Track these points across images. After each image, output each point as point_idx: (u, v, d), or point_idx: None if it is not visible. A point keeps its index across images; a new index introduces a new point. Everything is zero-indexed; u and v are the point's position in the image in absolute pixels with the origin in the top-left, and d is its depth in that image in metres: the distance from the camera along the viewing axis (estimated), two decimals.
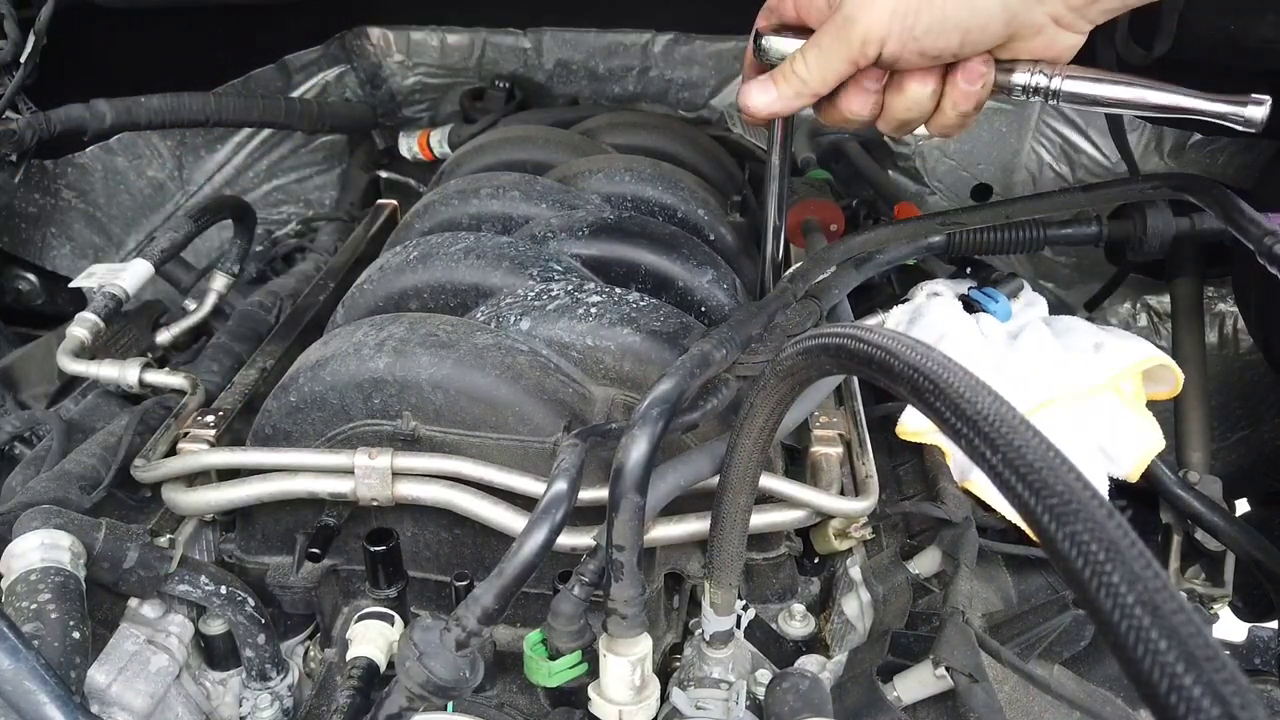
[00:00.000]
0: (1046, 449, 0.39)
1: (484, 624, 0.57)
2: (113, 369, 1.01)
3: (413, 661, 0.56)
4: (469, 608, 0.57)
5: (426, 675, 0.55)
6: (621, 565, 0.66)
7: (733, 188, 1.42)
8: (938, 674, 0.72)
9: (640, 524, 0.65)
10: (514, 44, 1.64)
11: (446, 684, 0.56)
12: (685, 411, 0.78)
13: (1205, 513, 1.06)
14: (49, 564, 0.72)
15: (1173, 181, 0.97)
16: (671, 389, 0.67)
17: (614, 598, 0.68)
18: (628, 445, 0.64)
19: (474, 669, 0.58)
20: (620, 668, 0.70)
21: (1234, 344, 1.54)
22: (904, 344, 0.49)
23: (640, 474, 0.64)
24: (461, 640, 0.56)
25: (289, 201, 1.79)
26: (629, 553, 0.66)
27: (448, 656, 0.56)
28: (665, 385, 0.67)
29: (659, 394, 0.67)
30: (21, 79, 1.27)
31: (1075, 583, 0.35)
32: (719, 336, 0.77)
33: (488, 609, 0.57)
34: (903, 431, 0.92)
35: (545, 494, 0.63)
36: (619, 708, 0.71)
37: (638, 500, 0.64)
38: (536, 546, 0.59)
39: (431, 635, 0.57)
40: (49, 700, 0.59)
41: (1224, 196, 0.92)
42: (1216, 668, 0.31)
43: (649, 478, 0.65)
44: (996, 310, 1.01)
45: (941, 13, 0.75)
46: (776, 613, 0.90)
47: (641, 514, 0.65)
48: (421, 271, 0.99)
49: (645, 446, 0.64)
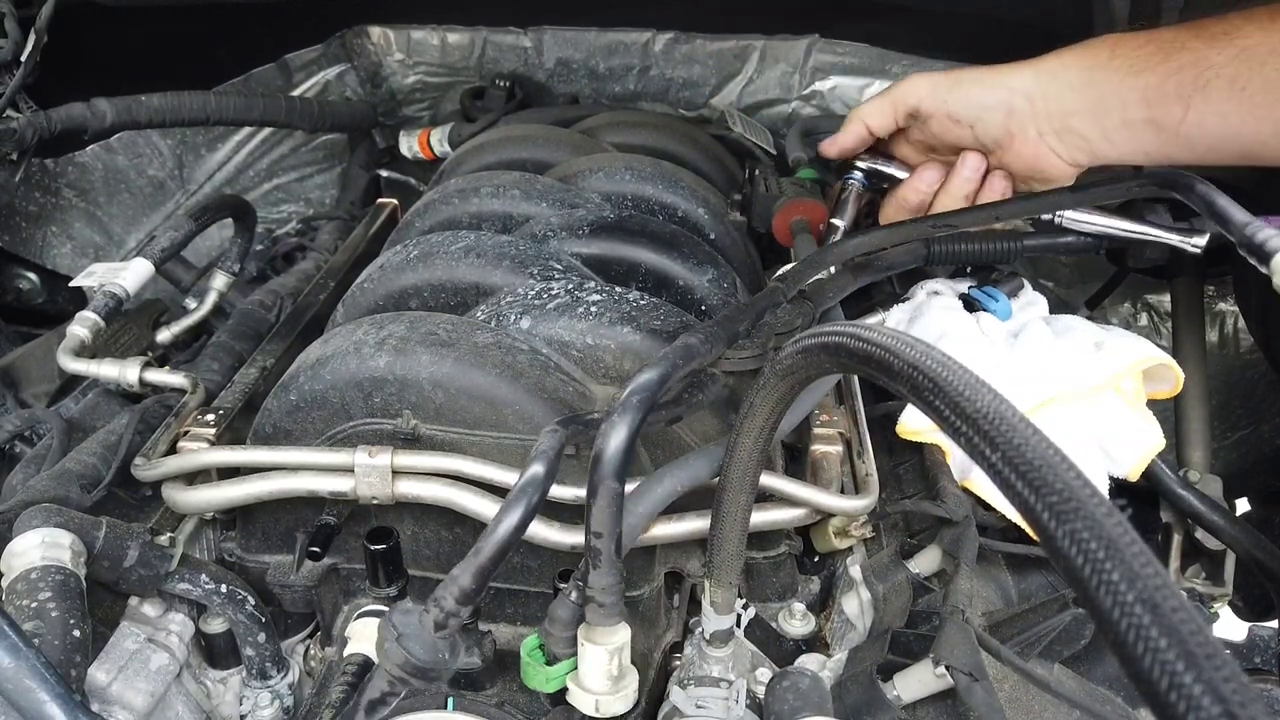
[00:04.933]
0: (1046, 447, 0.39)
1: (461, 604, 0.57)
2: (113, 368, 1.01)
3: (391, 643, 0.55)
4: (446, 588, 0.57)
5: (405, 657, 0.55)
6: (599, 552, 0.66)
7: (733, 187, 1.42)
8: (938, 673, 0.72)
9: (619, 511, 0.65)
10: (514, 43, 1.64)
11: (425, 665, 0.55)
12: (670, 404, 0.78)
13: (1205, 512, 1.05)
14: (49, 562, 0.72)
15: (1157, 178, 0.97)
16: (654, 378, 0.67)
17: (592, 586, 0.67)
18: (607, 432, 0.64)
19: (453, 651, 0.57)
20: (598, 657, 0.69)
21: (1234, 344, 1.54)
22: (903, 342, 0.49)
23: (619, 461, 0.64)
24: (440, 621, 0.56)
25: (289, 200, 1.79)
26: (607, 540, 0.65)
27: (426, 638, 0.56)
28: (648, 374, 0.67)
29: (640, 383, 0.66)
30: (22, 78, 1.27)
31: (1075, 581, 0.35)
32: (706, 331, 0.77)
33: (465, 589, 0.57)
34: (903, 430, 0.92)
35: (521, 476, 0.62)
36: (596, 697, 0.70)
37: (616, 487, 0.64)
38: (511, 527, 0.59)
39: (410, 618, 0.56)
40: (49, 698, 0.59)
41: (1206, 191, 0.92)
42: (1216, 665, 0.31)
43: (628, 465, 0.64)
44: (996, 309, 1.01)
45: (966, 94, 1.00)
46: (776, 611, 0.90)
47: (620, 501, 0.65)
48: (422, 270, 0.99)
49: (625, 434, 0.64)
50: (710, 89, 1.64)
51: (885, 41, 1.54)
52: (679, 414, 0.79)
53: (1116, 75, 0.93)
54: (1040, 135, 0.98)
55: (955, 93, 1.00)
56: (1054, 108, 0.96)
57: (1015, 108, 0.97)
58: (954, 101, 1.00)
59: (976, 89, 0.99)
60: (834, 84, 1.58)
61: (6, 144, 1.24)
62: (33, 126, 1.26)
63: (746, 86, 1.62)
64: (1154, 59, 0.91)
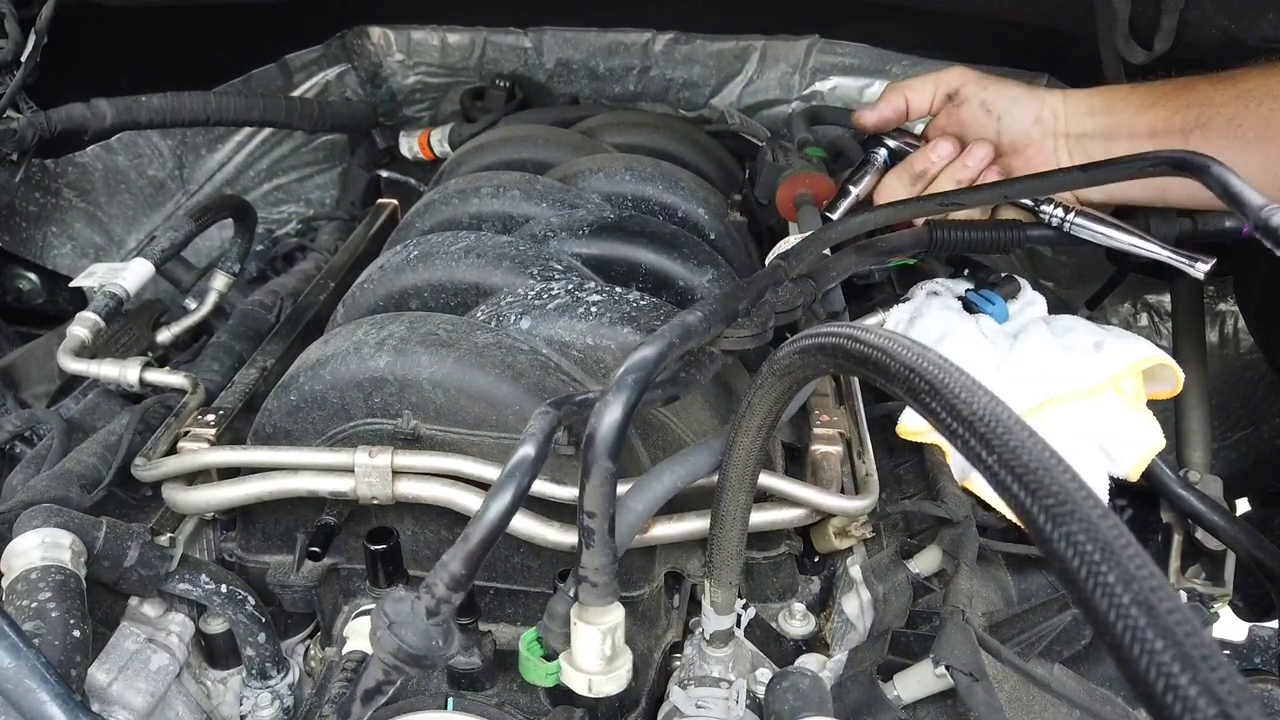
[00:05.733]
0: (1042, 449, 0.39)
1: (452, 590, 0.56)
2: (113, 368, 1.01)
3: (383, 631, 0.55)
4: (436, 574, 0.57)
5: (398, 644, 0.55)
6: (593, 532, 0.65)
7: (733, 187, 1.42)
8: (938, 673, 0.72)
9: (613, 490, 0.64)
10: (514, 43, 1.64)
11: (419, 652, 0.55)
12: (666, 383, 0.77)
13: (1206, 512, 1.05)
14: (49, 562, 0.72)
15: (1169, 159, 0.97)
16: (649, 355, 0.66)
17: (585, 565, 0.67)
18: (601, 411, 0.63)
19: (446, 637, 0.57)
20: (591, 636, 0.69)
21: (1234, 344, 1.54)
22: (900, 344, 0.49)
23: (613, 439, 0.63)
24: (432, 608, 0.56)
25: (289, 201, 1.79)
26: (600, 519, 0.65)
27: (419, 625, 0.55)
28: (643, 352, 0.66)
29: (636, 360, 0.65)
30: (22, 78, 1.27)
31: (1071, 584, 0.35)
32: (704, 309, 0.75)
33: (456, 575, 0.56)
34: (903, 431, 0.92)
35: (512, 458, 0.61)
36: (589, 677, 0.70)
37: (609, 466, 0.63)
38: (501, 509, 0.58)
39: (402, 605, 0.56)
40: (50, 699, 0.59)
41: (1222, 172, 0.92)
42: (1212, 667, 0.31)
43: (622, 443, 0.64)
44: (993, 312, 1.01)
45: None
46: (776, 612, 0.90)
47: (614, 480, 0.64)
48: (422, 270, 1.00)
49: (619, 412, 0.63)
50: (710, 89, 1.64)
51: (885, 42, 1.54)
52: (676, 393, 0.77)
53: (1132, 107, 1.03)
54: (1055, 149, 1.07)
55: (995, 86, 1.10)
56: (1074, 127, 1.06)
57: (1042, 117, 1.07)
58: (993, 90, 1.09)
59: (1015, 89, 1.09)
60: (834, 84, 1.59)
61: (6, 144, 1.24)
62: (33, 127, 1.26)
63: (747, 87, 1.62)
64: (1166, 96, 1.01)
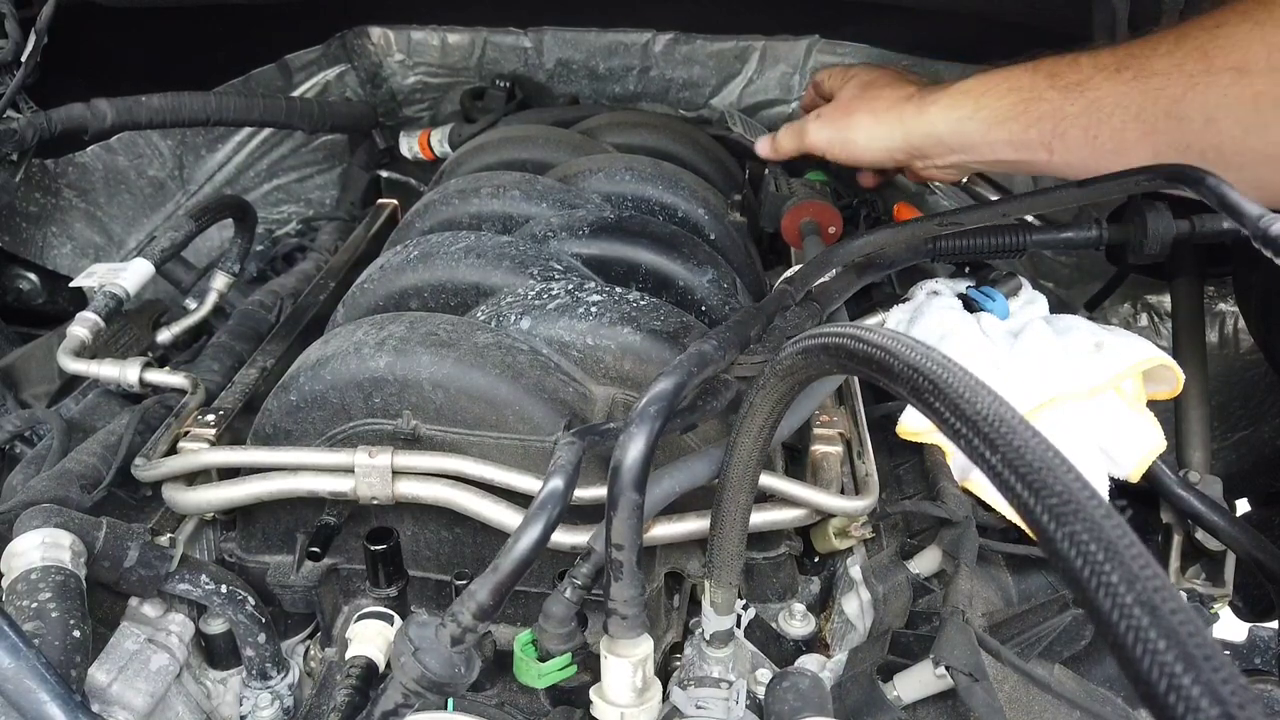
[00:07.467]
0: (1045, 449, 0.39)
1: (479, 620, 0.57)
2: (113, 368, 1.01)
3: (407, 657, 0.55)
4: (464, 603, 0.57)
5: (421, 671, 0.55)
6: (621, 565, 0.66)
7: (733, 187, 1.42)
8: (938, 673, 0.72)
9: (639, 523, 0.65)
10: (514, 43, 1.64)
11: (442, 680, 0.56)
12: (685, 412, 0.78)
13: (1206, 513, 1.05)
14: (49, 563, 0.72)
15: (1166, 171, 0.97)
16: (670, 387, 0.67)
17: (614, 598, 0.67)
18: (625, 443, 0.64)
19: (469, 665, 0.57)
20: (622, 669, 0.69)
21: (1234, 344, 1.54)
22: (903, 344, 0.49)
23: (638, 472, 0.64)
24: (457, 636, 0.56)
25: (289, 201, 1.79)
26: (628, 552, 0.65)
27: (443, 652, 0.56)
28: (663, 384, 0.67)
29: (657, 392, 0.66)
30: (22, 78, 1.26)
31: (1074, 583, 0.35)
32: (718, 337, 0.77)
33: (483, 605, 0.57)
34: (903, 431, 0.92)
35: (541, 490, 0.62)
36: (621, 710, 0.70)
37: (636, 499, 0.64)
38: (531, 542, 0.59)
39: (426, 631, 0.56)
40: (50, 699, 0.59)
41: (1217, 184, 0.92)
42: (1215, 667, 0.31)
43: (647, 476, 0.65)
44: (994, 309, 1.01)
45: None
46: (777, 612, 0.90)
47: (640, 512, 0.65)
48: (422, 270, 0.99)
49: (643, 444, 0.63)
50: (710, 89, 1.64)
51: (885, 42, 1.54)
52: (694, 421, 0.78)
53: (983, 125, 1.01)
54: (924, 167, 1.12)
55: (846, 149, 1.15)
56: (930, 149, 1.08)
57: (895, 153, 1.11)
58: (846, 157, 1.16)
59: (863, 139, 1.13)
60: None
61: (6, 144, 1.24)
62: (33, 127, 1.26)
63: (747, 87, 1.62)
64: (1014, 110, 0.98)
